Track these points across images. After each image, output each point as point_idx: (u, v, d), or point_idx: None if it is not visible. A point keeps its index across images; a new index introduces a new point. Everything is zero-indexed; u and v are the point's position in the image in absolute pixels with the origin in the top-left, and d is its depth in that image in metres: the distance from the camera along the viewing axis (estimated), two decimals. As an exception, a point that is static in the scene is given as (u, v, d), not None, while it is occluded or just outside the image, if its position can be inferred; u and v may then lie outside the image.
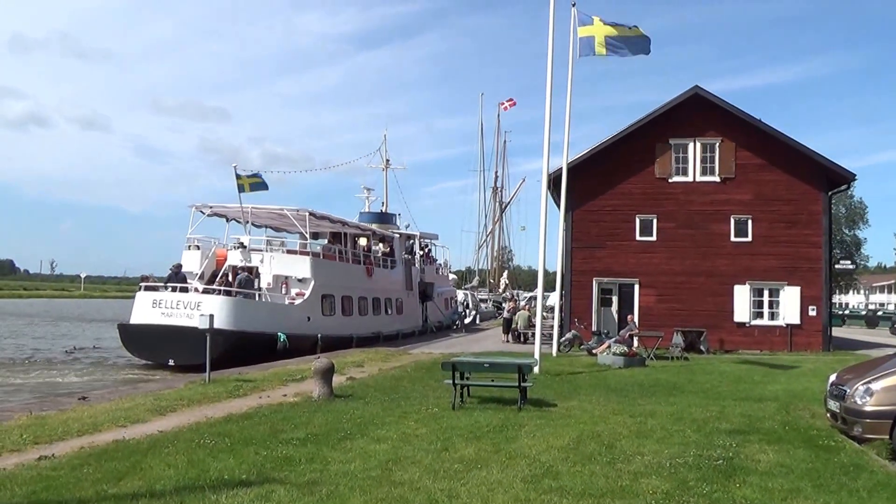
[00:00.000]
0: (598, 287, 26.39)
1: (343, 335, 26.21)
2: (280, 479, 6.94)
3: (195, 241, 27.13)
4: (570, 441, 8.89)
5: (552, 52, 18.36)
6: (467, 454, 8.15)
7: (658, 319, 24.85)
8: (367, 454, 8.09)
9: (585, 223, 26.38)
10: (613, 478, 7.15)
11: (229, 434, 9.18)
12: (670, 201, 26.10)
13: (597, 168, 26.36)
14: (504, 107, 70.99)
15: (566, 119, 22.20)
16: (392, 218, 40.27)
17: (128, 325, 23.60)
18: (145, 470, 7.33)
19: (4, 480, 6.91)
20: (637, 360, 19.52)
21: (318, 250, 28.03)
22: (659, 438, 9.16)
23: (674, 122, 26.14)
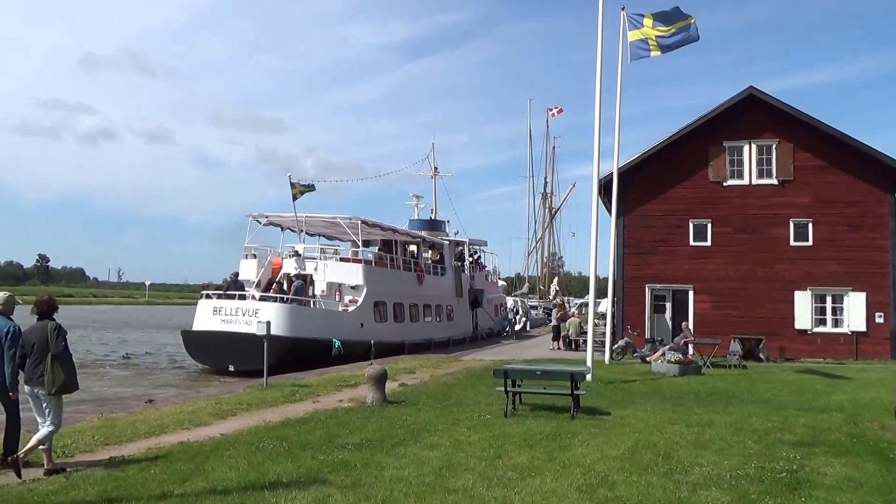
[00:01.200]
0: (651, 293, 26.00)
1: (395, 342, 26.40)
2: (336, 484, 7.05)
3: (252, 250, 27.73)
4: (625, 450, 8.79)
5: (601, 57, 18.29)
6: (520, 462, 8.13)
7: (714, 326, 24.34)
8: (421, 460, 8.15)
9: (637, 228, 26.05)
10: (671, 489, 7.04)
11: (287, 438, 9.36)
12: (725, 205, 25.56)
13: (648, 172, 26.01)
14: (552, 113, 70.81)
15: (616, 123, 21.97)
16: (441, 225, 40.44)
17: (190, 331, 24.23)
18: (208, 472, 7.55)
19: (78, 480, 7.21)
20: (693, 368, 19.16)
21: (370, 258, 28.34)
22: (718, 449, 8.98)
23: (728, 124, 25.61)
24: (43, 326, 7.83)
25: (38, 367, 7.69)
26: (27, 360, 7.78)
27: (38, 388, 7.74)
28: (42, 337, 7.75)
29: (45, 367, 7.64)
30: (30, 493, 6.77)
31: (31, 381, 7.77)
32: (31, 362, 7.76)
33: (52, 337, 7.71)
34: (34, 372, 7.73)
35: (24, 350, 7.80)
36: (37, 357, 7.72)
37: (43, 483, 7.13)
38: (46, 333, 7.74)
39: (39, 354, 7.71)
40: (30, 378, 7.78)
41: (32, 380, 7.76)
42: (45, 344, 7.71)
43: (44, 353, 7.69)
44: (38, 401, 7.85)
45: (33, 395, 7.84)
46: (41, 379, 7.67)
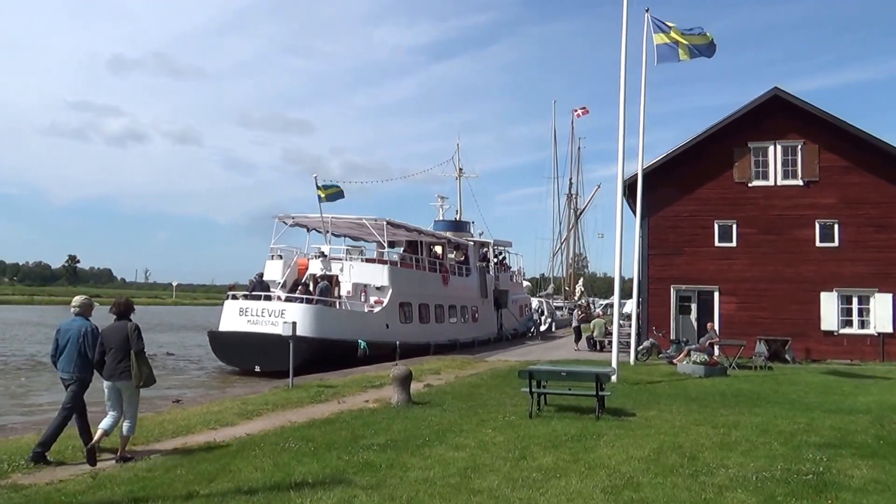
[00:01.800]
0: (677, 294, 25.85)
1: (420, 342, 26.48)
2: (361, 484, 7.10)
3: (278, 251, 27.94)
4: (651, 452, 8.76)
5: (625, 58, 18.27)
6: (545, 463, 8.14)
7: (739, 328, 24.13)
8: (446, 461, 8.19)
9: (662, 229, 25.91)
10: (697, 491, 7.01)
11: (312, 438, 9.45)
12: (750, 206, 25.34)
13: (673, 173, 25.86)
14: (577, 114, 70.58)
15: (640, 124, 21.86)
16: (466, 226, 40.47)
17: (217, 332, 24.46)
18: (234, 472, 7.64)
19: (105, 480, 7.33)
20: (718, 369, 19.01)
21: (395, 259, 28.45)
22: (744, 451, 8.92)
23: (753, 125, 25.40)
24: (123, 326, 8.44)
25: (120, 364, 8.27)
26: (106, 357, 8.32)
27: (120, 382, 8.33)
28: (122, 335, 8.34)
29: (127, 364, 8.24)
30: (57, 492, 6.87)
31: (113, 376, 8.32)
32: (111, 359, 8.30)
33: (134, 336, 8.35)
34: (116, 368, 8.29)
35: (102, 348, 8.34)
36: (118, 354, 8.29)
37: (70, 483, 7.24)
38: (127, 332, 8.36)
39: (120, 351, 8.29)
40: (111, 374, 8.32)
41: (114, 375, 8.31)
42: (126, 342, 8.30)
43: (125, 351, 8.27)
44: (116, 394, 8.41)
45: (114, 388, 8.39)
46: (124, 374, 8.26)
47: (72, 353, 8.37)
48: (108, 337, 8.41)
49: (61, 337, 8.52)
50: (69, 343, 8.41)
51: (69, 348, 8.40)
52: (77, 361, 8.34)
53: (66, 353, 8.41)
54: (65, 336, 8.48)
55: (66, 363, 8.42)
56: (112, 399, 8.47)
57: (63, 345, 8.45)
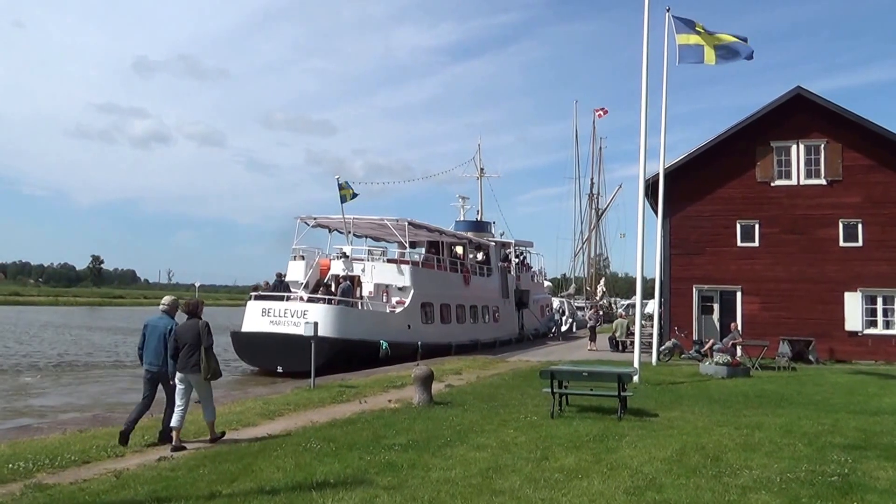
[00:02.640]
0: (699, 294, 25.66)
1: (442, 343, 26.51)
2: (383, 485, 7.12)
3: (300, 252, 28.09)
4: (673, 453, 8.71)
5: (647, 58, 18.18)
6: (567, 464, 8.12)
7: (763, 328, 23.91)
8: (468, 461, 8.19)
9: (684, 229, 25.75)
10: (720, 492, 6.96)
11: (334, 438, 9.49)
12: (773, 205, 25.11)
13: (695, 173, 25.71)
14: (598, 114, 70.32)
15: (662, 124, 21.74)
16: (487, 226, 40.45)
17: (239, 332, 24.64)
18: (256, 472, 7.68)
19: (128, 480, 7.39)
20: (741, 370, 18.85)
21: (417, 259, 28.49)
22: (767, 452, 8.83)
23: (775, 124, 25.19)
24: (195, 324, 9.35)
25: (192, 358, 9.13)
26: (180, 352, 9.19)
27: (191, 375, 9.18)
28: (194, 332, 9.23)
29: (198, 358, 9.10)
30: (81, 492, 6.94)
31: (185, 369, 9.19)
32: (184, 353, 9.17)
33: (204, 333, 9.25)
34: (188, 362, 9.16)
35: (177, 343, 9.22)
36: (190, 349, 9.14)
37: (94, 482, 7.31)
38: (198, 329, 9.26)
39: (192, 347, 9.15)
40: (184, 367, 9.19)
41: (186, 368, 9.18)
42: (198, 338, 9.17)
43: (196, 346, 9.13)
44: (187, 386, 9.28)
45: (185, 381, 9.26)
46: (195, 367, 9.12)
47: (158, 347, 9.32)
48: (181, 333, 9.29)
49: (148, 332, 9.46)
50: (156, 338, 9.36)
51: (156, 343, 9.35)
52: (163, 355, 9.30)
53: (153, 348, 9.36)
54: (152, 332, 9.43)
55: (152, 356, 9.39)
56: (183, 392, 9.28)
57: (149, 339, 9.41)
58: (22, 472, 7.67)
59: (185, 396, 9.31)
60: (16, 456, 8.34)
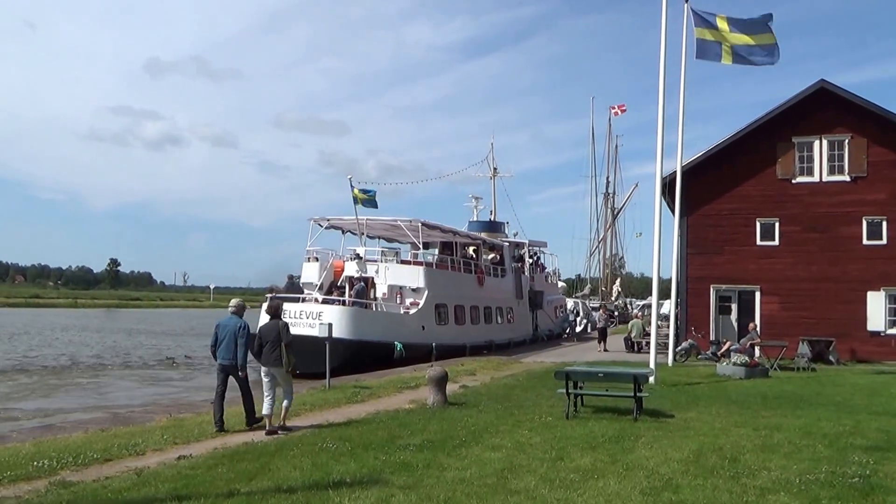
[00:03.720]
0: (716, 294, 25.45)
1: (456, 344, 26.48)
2: (398, 484, 7.12)
3: (314, 253, 28.14)
4: (690, 453, 8.64)
5: (665, 52, 17.91)
6: (583, 464, 8.08)
7: (782, 328, 23.65)
8: (483, 461, 8.17)
9: (702, 228, 25.53)
10: (738, 493, 6.89)
11: (349, 438, 9.51)
12: (794, 203, 24.81)
13: (713, 170, 25.47)
14: (615, 112, 69.91)
15: (680, 120, 21.50)
16: (501, 226, 40.36)
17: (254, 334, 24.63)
18: (273, 471, 7.72)
19: (149, 477, 7.47)
20: (759, 370, 18.67)
21: (430, 260, 28.47)
22: (786, 453, 8.74)
23: (797, 120, 24.84)
24: (275, 324, 10.56)
25: (273, 353, 10.30)
26: (263, 348, 10.39)
27: (273, 368, 10.35)
28: (276, 331, 10.40)
29: (279, 353, 10.26)
30: (103, 489, 7.03)
31: (269, 363, 10.37)
32: (267, 349, 10.37)
33: (284, 332, 10.44)
34: (270, 357, 10.34)
35: (261, 340, 10.44)
36: (272, 346, 10.34)
37: (116, 480, 7.40)
38: (278, 329, 10.43)
39: (274, 343, 10.33)
40: (267, 361, 10.38)
41: (269, 362, 10.37)
42: (278, 336, 10.34)
43: (278, 343, 10.31)
44: (272, 378, 10.40)
45: (269, 373, 10.41)
46: (276, 361, 10.29)
47: (230, 344, 10.52)
48: (264, 332, 10.50)
49: (220, 331, 10.67)
50: (227, 336, 10.54)
51: (227, 340, 10.54)
52: (234, 350, 10.47)
53: (225, 344, 10.55)
54: (224, 330, 10.63)
55: (225, 352, 10.57)
56: (268, 384, 10.42)
57: (222, 337, 10.59)
58: (46, 469, 7.78)
59: (271, 388, 10.43)
60: (40, 454, 8.46)
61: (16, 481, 7.31)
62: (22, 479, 7.38)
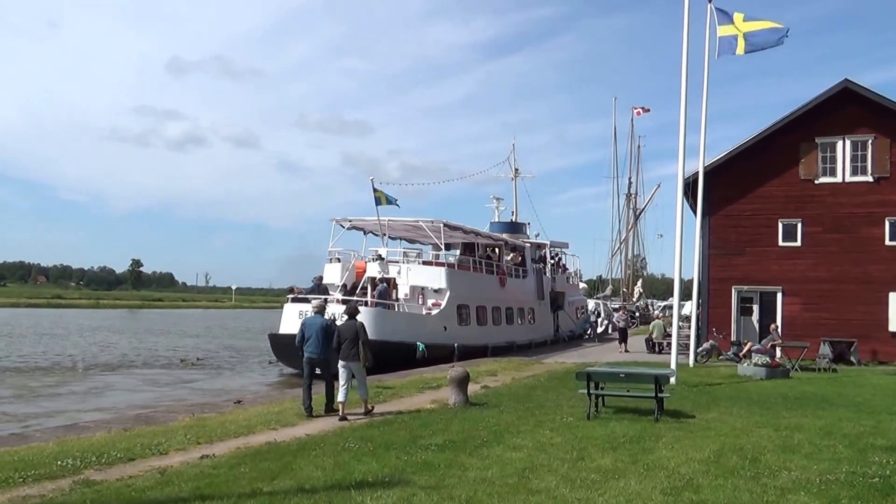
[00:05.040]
0: (738, 295, 25.29)
1: (478, 344, 26.53)
2: (420, 484, 7.19)
3: (336, 254, 28.31)
4: (711, 454, 8.65)
5: (687, 53, 17.83)
6: (604, 464, 8.12)
7: (803, 329, 23.47)
8: (504, 461, 8.23)
9: (724, 229, 25.39)
10: (758, 493, 6.91)
11: (371, 438, 9.60)
12: (816, 204, 24.60)
13: (735, 171, 25.31)
14: (637, 112, 69.62)
15: (702, 121, 21.46)
16: (522, 227, 40.35)
17: (277, 334, 24.94)
18: (296, 470, 7.81)
19: (172, 476, 7.56)
20: (780, 371, 18.56)
21: (452, 261, 28.55)
22: (807, 453, 8.73)
23: (820, 120, 24.61)
24: (353, 323, 11.87)
25: (352, 350, 11.64)
26: (342, 344, 11.70)
27: (351, 363, 11.68)
28: (354, 330, 11.74)
29: (357, 350, 11.60)
30: (127, 488, 7.11)
31: (347, 358, 11.70)
32: (346, 346, 11.69)
33: (361, 331, 11.77)
34: (349, 353, 11.67)
35: (339, 338, 11.76)
36: (350, 343, 11.67)
37: (139, 479, 7.48)
38: (356, 328, 11.77)
39: (352, 341, 11.65)
40: (345, 356, 11.71)
41: (348, 357, 11.69)
42: (356, 334, 11.68)
43: (355, 341, 11.64)
44: (348, 371, 11.75)
45: (346, 367, 11.75)
46: (355, 357, 11.63)
47: (316, 339, 11.93)
48: (343, 331, 11.82)
49: (307, 329, 12.09)
50: (313, 333, 11.96)
51: (313, 336, 11.96)
52: (321, 345, 11.90)
53: (312, 340, 11.96)
54: (310, 328, 12.05)
55: (312, 346, 11.98)
56: (345, 376, 11.74)
57: (308, 334, 12.01)
58: (70, 468, 7.87)
59: (347, 379, 11.73)
60: (64, 453, 8.57)
61: (40, 480, 7.37)
62: (46, 478, 7.44)
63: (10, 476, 7.42)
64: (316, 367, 12.16)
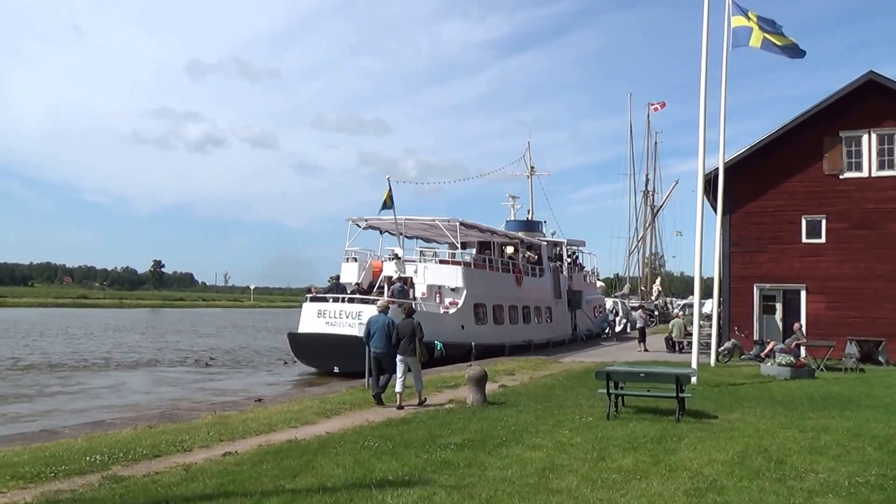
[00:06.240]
0: (760, 293, 24.97)
1: (495, 343, 26.44)
2: (440, 483, 7.16)
3: (353, 254, 28.33)
4: (735, 455, 8.52)
5: (707, 45, 17.59)
6: (625, 465, 8.03)
7: (828, 328, 23.10)
8: (524, 461, 8.17)
9: (745, 226, 25.07)
10: (785, 495, 6.78)
11: (390, 437, 9.58)
12: (841, 199, 24.18)
13: (757, 167, 24.99)
14: (654, 108, 69.15)
15: (721, 115, 21.09)
16: (538, 225, 40.19)
17: (296, 334, 25.00)
18: (317, 468, 7.82)
19: (197, 473, 7.63)
20: (805, 371, 18.29)
21: (468, 260, 28.47)
22: (835, 455, 8.56)
23: (845, 113, 24.17)
24: (410, 322, 13.16)
25: (409, 346, 12.90)
26: (401, 341, 12.91)
27: (408, 358, 12.91)
28: (411, 328, 13.02)
29: (413, 346, 12.88)
30: (153, 484, 7.18)
31: (404, 353, 12.91)
32: (404, 342, 12.91)
33: (418, 329, 13.07)
34: (406, 348, 12.90)
35: (398, 335, 12.96)
36: (408, 340, 12.91)
37: (165, 475, 7.56)
38: (413, 326, 13.05)
39: (409, 338, 12.90)
40: (403, 352, 12.91)
41: (406, 353, 12.90)
42: (412, 332, 12.96)
43: (412, 338, 12.91)
44: (405, 366, 12.93)
45: (404, 361, 12.95)
46: (412, 352, 12.90)
47: (381, 336, 13.03)
48: (401, 328, 13.05)
49: (371, 326, 13.25)
50: (378, 330, 13.08)
51: (378, 333, 13.06)
52: (385, 341, 12.97)
53: (377, 336, 13.06)
54: (374, 325, 13.21)
55: (378, 342, 13.06)
56: (402, 369, 12.89)
57: (373, 331, 13.13)
58: (98, 464, 8.00)
59: (403, 372, 12.88)
60: (92, 449, 8.70)
61: (70, 475, 7.52)
62: (76, 474, 7.59)
63: (41, 471, 7.59)
64: (380, 361, 13.16)
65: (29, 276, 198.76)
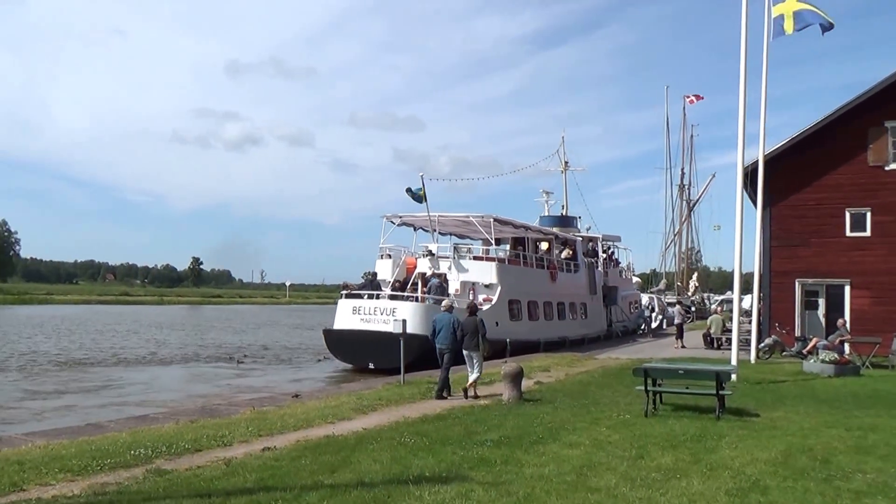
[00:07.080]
0: (802, 289, 24.42)
1: (530, 340, 26.29)
2: (477, 479, 7.14)
3: (387, 251, 28.40)
4: (778, 454, 8.35)
5: (746, 34, 17.11)
6: (664, 463, 7.91)
7: (874, 324, 22.46)
8: (561, 459, 8.11)
9: (786, 219, 24.52)
10: (831, 496, 6.62)
11: (426, 434, 9.59)
12: (887, 192, 23.46)
13: (798, 159, 24.39)
14: (690, 100, 68.12)
15: (762, 106, 20.49)
16: (573, 221, 39.86)
17: (332, 330, 25.15)
18: (354, 464, 7.86)
19: (237, 467, 7.73)
20: (850, 368, 17.87)
21: (503, 256, 28.35)
22: (883, 455, 8.34)
23: (889, 103, 23.40)
24: (474, 319, 13.93)
25: (472, 341, 13.68)
26: (465, 337, 13.70)
27: (473, 352, 13.70)
28: (474, 325, 13.78)
29: (477, 341, 13.63)
30: (195, 477, 7.29)
31: (469, 348, 13.76)
32: (468, 338, 13.72)
33: (481, 326, 13.82)
34: (470, 343, 13.72)
35: (462, 331, 13.73)
36: (472, 336, 13.70)
37: (207, 469, 7.68)
38: (476, 323, 13.80)
39: (472, 334, 13.70)
40: (468, 347, 13.75)
41: (469, 347, 13.74)
42: (475, 328, 13.71)
43: (475, 334, 13.68)
44: (471, 360, 13.75)
45: (469, 356, 13.78)
46: (476, 347, 13.67)
47: (447, 333, 13.82)
48: (465, 325, 13.81)
49: (437, 324, 14.05)
50: (444, 327, 13.85)
51: (444, 331, 13.84)
52: (450, 338, 13.77)
53: (443, 333, 13.84)
54: (440, 323, 13.98)
55: (443, 339, 13.87)
56: (469, 362, 13.81)
57: (439, 329, 13.94)
58: (142, 458, 8.16)
59: (470, 367, 13.72)
60: (136, 443, 8.87)
61: (115, 468, 7.68)
62: (121, 467, 7.75)
63: (88, 464, 7.76)
64: (445, 356, 13.88)
65: (74, 274, 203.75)
